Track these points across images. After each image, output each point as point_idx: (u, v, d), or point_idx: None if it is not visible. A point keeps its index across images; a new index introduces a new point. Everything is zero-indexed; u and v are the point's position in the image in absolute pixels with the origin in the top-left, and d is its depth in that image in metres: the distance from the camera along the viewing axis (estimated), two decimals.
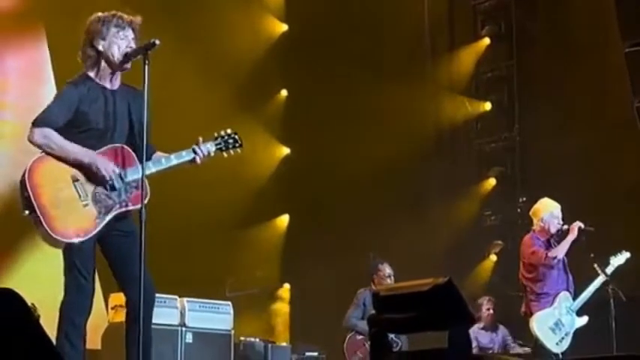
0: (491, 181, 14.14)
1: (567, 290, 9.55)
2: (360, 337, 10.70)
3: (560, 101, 13.00)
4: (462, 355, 3.98)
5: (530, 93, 13.81)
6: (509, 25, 14.34)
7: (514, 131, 14.03)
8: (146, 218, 5.66)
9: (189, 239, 12.91)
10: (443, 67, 14.85)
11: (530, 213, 9.96)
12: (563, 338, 9.45)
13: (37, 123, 5.86)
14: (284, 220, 15.11)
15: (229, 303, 10.47)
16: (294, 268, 14.40)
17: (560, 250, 9.45)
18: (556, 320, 9.44)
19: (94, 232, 5.75)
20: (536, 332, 9.41)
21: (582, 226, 9.49)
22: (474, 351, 11.62)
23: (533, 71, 13.95)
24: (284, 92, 15.19)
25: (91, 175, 5.79)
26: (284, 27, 15.21)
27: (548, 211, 9.67)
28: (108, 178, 5.77)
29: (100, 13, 6.01)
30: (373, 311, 4.37)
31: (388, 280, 10.82)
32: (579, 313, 9.56)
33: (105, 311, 9.96)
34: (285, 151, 15.06)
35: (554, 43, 13.61)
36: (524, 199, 13.16)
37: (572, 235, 9.45)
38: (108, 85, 5.99)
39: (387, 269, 10.91)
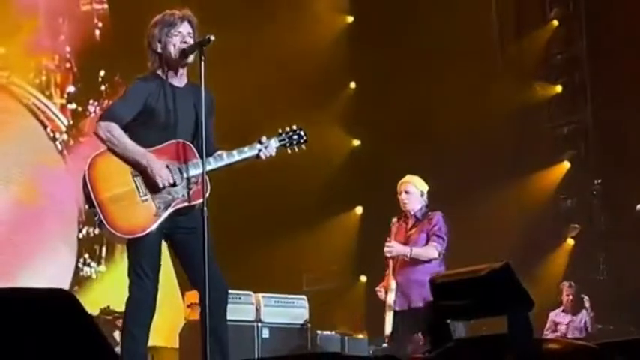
0: (565, 165, 13.99)
1: None
2: None
3: (634, 81, 12.80)
4: (523, 340, 3.94)
5: (601, 74, 13.61)
6: (577, 5, 14.16)
7: (586, 113, 13.86)
8: (208, 214, 5.68)
9: (264, 235, 12.97)
10: (512, 51, 14.72)
11: None
12: None
13: (104, 117, 5.96)
14: (358, 212, 15.11)
15: (304, 297, 10.49)
16: (370, 260, 14.35)
17: None
18: None
19: (152, 228, 5.78)
20: None
21: None
22: (552, 335, 11.58)
23: (604, 51, 13.75)
24: (352, 84, 15.19)
25: (147, 178, 5.83)
26: (349, 19, 15.20)
27: None
28: (161, 186, 5.79)
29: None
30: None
31: None
32: None
33: (182, 309, 10.10)
34: (356, 142, 15.06)
35: (625, 23, 13.40)
36: (599, 181, 13.02)
37: None
38: (175, 83, 6.04)
39: None
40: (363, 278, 14.89)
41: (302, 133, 6.41)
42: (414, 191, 8.84)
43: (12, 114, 12.91)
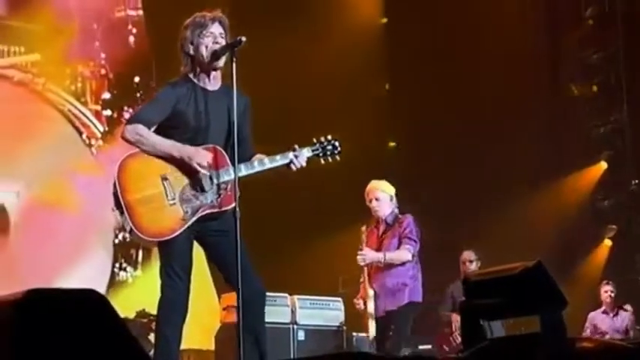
0: (602, 165, 13.90)
1: None
2: (447, 329, 10.71)
3: None
4: (556, 340, 3.91)
5: (637, 73, 13.52)
6: (613, 4, 14.07)
7: (623, 113, 13.77)
8: (240, 216, 5.66)
9: (300, 237, 12.98)
10: (547, 51, 14.64)
11: None
12: None
13: (130, 120, 5.96)
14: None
15: (340, 299, 10.48)
16: None
17: None
18: None
19: (179, 232, 5.74)
20: None
21: None
22: (590, 334, 11.50)
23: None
24: (387, 86, 15.18)
25: (184, 167, 5.80)
26: (383, 20, 15.19)
27: None
28: (205, 164, 5.77)
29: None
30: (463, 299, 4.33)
31: (471, 266, 10.81)
32: None
33: (218, 311, 10.13)
34: (392, 144, 15.05)
35: None
36: (637, 181, 12.92)
37: None
38: (207, 86, 6.02)
39: (466, 255, 10.90)
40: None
41: (336, 143, 6.33)
42: (383, 197, 8.79)
43: (48, 120, 13.01)
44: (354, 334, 10.87)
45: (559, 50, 14.58)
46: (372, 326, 8.53)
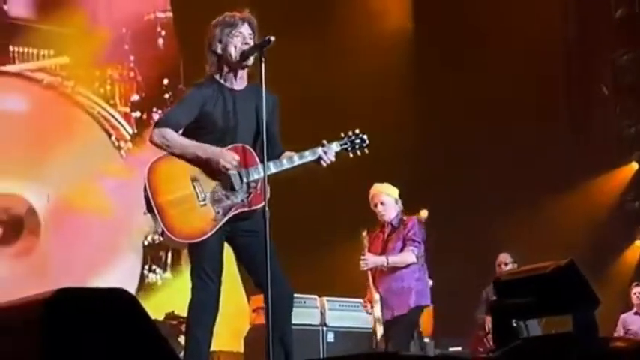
0: (633, 166, 13.82)
1: None
2: (481, 332, 10.66)
3: None
4: (589, 339, 3.88)
5: None
6: None
7: None
8: (270, 216, 5.66)
9: (329, 238, 12.95)
10: (577, 52, 14.58)
11: None
12: None
13: (158, 124, 5.95)
14: (423, 215, 15.01)
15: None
16: (435, 263, 14.27)
17: None
18: None
19: (211, 233, 5.73)
20: None
21: None
22: (622, 334, 11.44)
23: None
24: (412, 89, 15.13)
25: (212, 168, 5.79)
26: (411, 24, 15.13)
27: None
28: (229, 167, 5.76)
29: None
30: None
31: (507, 269, 10.75)
32: None
33: (248, 313, 10.14)
34: (418, 146, 14.98)
35: None
36: None
37: None
38: (233, 86, 6.01)
39: (502, 257, 10.85)
40: (429, 281, 14.79)
41: (364, 137, 6.34)
42: (388, 201, 8.70)
43: (77, 123, 13.06)
44: None
45: (589, 51, 14.49)
46: (379, 330, 8.45)
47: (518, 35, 13.81)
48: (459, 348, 11.64)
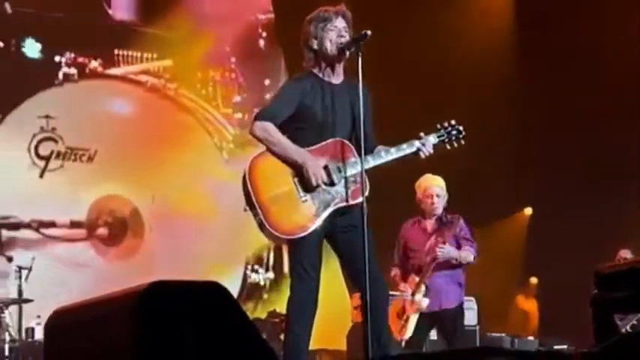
0: None
1: None
2: None
3: None
4: None
5: None
6: None
7: None
8: (368, 211, 5.64)
9: None
10: None
11: None
12: None
13: (259, 117, 5.93)
14: (527, 212, 14.88)
15: (473, 298, 10.33)
16: (541, 261, 14.13)
17: None
18: None
19: (312, 228, 5.72)
20: None
21: None
22: None
23: None
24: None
25: (303, 177, 5.78)
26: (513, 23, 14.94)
27: None
28: (314, 184, 5.74)
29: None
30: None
31: None
32: None
33: (350, 311, 10.13)
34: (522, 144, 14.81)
35: None
36: None
37: None
38: (331, 80, 6.00)
39: (622, 253, 10.63)
40: (534, 280, 14.67)
41: (461, 128, 6.28)
42: (442, 194, 8.49)
43: (180, 125, 13.23)
44: (488, 333, 10.76)
45: None
46: (413, 320, 8.34)
47: (619, 31, 13.60)
48: (565, 347, 11.46)
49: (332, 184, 5.80)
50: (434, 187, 8.46)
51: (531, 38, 14.24)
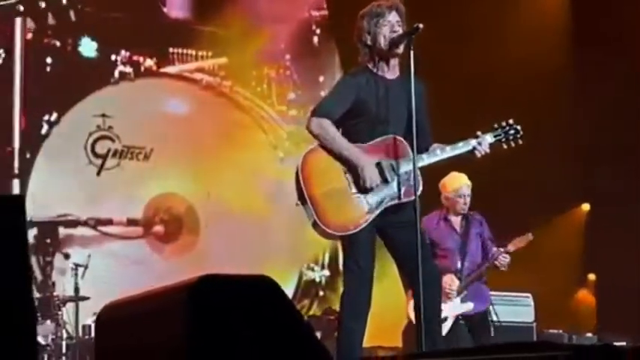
0: None
1: None
2: None
3: None
4: None
5: None
6: None
7: None
8: (421, 208, 5.61)
9: None
10: None
11: None
12: None
13: (315, 113, 5.97)
14: (584, 209, 14.73)
15: (529, 295, 10.27)
16: (599, 258, 13.98)
17: None
18: None
19: (364, 225, 5.73)
20: None
21: None
22: None
23: None
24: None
25: (356, 175, 5.79)
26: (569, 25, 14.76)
27: None
28: (367, 186, 5.75)
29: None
30: None
31: None
32: None
33: (405, 308, 10.08)
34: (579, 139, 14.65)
35: None
36: None
37: None
38: (386, 75, 6.00)
39: None
40: (592, 276, 14.51)
41: (518, 127, 6.27)
42: (470, 192, 8.51)
43: (235, 122, 13.26)
44: (545, 330, 10.67)
45: None
46: (451, 320, 8.32)
47: None
48: (624, 343, 11.33)
49: (385, 181, 5.78)
50: (464, 187, 8.46)
51: (588, 25, 14.05)
